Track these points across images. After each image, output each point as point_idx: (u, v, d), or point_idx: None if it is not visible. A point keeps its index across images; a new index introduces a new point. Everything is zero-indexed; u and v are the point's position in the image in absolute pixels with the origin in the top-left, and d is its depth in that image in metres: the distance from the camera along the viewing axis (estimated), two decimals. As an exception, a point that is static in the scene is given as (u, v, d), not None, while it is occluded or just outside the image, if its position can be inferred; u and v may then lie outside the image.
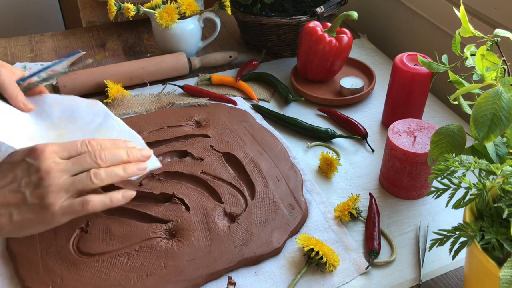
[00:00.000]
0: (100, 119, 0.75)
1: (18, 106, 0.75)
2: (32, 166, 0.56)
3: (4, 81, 0.73)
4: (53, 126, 0.76)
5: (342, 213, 0.72)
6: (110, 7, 1.01)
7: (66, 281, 0.62)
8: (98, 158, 0.59)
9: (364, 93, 0.98)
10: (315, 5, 1.09)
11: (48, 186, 0.55)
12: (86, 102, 0.79)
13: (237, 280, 0.64)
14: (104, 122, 0.75)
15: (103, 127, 0.74)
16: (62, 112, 0.77)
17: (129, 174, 0.61)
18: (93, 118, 0.76)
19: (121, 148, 0.62)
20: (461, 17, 0.65)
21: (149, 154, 0.65)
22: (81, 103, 0.78)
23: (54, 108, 0.78)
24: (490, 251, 0.50)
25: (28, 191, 0.55)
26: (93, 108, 0.77)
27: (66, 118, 0.76)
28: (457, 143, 0.60)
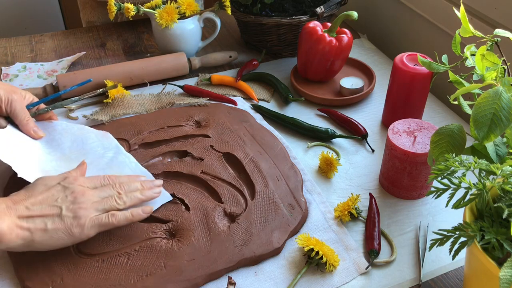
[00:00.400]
0: (111, 154, 0.78)
1: (28, 133, 0.79)
2: (67, 188, 0.65)
3: (16, 107, 0.77)
4: (64, 157, 0.77)
5: (342, 213, 0.72)
6: (110, 7, 1.01)
7: (66, 281, 0.62)
8: (118, 187, 0.68)
9: (364, 93, 0.98)
10: (315, 5, 1.09)
11: (82, 203, 0.63)
12: (96, 133, 0.81)
13: (237, 280, 0.64)
14: (115, 157, 0.78)
15: (114, 164, 0.77)
16: (73, 142, 0.80)
17: (147, 196, 0.69)
18: (104, 153, 0.78)
19: (136, 181, 0.71)
20: (461, 17, 0.65)
21: (160, 183, 0.72)
22: (90, 134, 0.81)
23: (64, 137, 0.80)
24: (490, 251, 0.50)
25: (65, 205, 0.63)
26: (103, 141, 0.80)
27: (77, 150, 0.79)
28: (457, 143, 0.60)
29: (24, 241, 0.60)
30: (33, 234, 0.60)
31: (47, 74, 1.07)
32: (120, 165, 0.77)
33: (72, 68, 1.09)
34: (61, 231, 0.61)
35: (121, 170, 0.76)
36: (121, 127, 0.88)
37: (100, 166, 0.76)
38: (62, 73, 1.07)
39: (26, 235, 0.60)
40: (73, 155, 0.78)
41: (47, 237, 0.61)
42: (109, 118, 0.90)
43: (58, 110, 0.95)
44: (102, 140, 0.81)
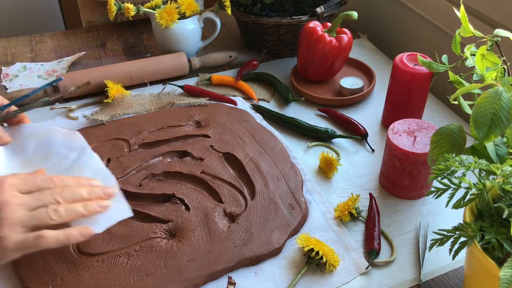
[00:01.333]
0: (75, 155, 0.71)
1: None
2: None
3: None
4: (26, 162, 0.71)
5: (342, 213, 0.72)
6: (110, 7, 1.01)
7: (66, 281, 0.62)
8: (58, 195, 0.57)
9: (364, 93, 0.98)
10: (315, 5, 1.09)
11: (4, 219, 0.53)
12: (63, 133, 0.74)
13: (237, 280, 0.64)
14: (78, 159, 0.71)
15: (76, 165, 0.70)
16: (38, 145, 0.73)
17: (89, 211, 0.58)
18: (67, 154, 0.72)
19: (83, 186, 0.60)
20: (461, 17, 0.65)
21: (112, 192, 0.62)
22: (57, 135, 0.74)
23: (29, 140, 0.73)
24: (490, 251, 0.50)
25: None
26: (69, 142, 0.73)
27: (40, 154, 0.72)
28: (457, 143, 0.60)
29: None
30: None
31: (47, 74, 1.07)
32: (81, 168, 0.69)
33: (72, 68, 1.09)
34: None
35: (81, 171, 0.68)
36: (121, 127, 0.88)
37: (60, 169, 0.69)
38: (62, 73, 1.07)
39: None
40: (35, 159, 0.71)
41: None
42: (109, 118, 0.90)
43: (58, 110, 0.95)
44: (68, 140, 0.74)
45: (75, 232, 0.57)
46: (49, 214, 0.55)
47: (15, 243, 0.53)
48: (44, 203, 0.56)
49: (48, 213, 0.55)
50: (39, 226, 0.55)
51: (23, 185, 0.56)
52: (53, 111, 0.95)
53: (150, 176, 0.77)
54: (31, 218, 0.54)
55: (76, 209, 0.57)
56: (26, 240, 0.54)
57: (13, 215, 0.53)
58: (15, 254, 0.54)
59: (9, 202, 0.53)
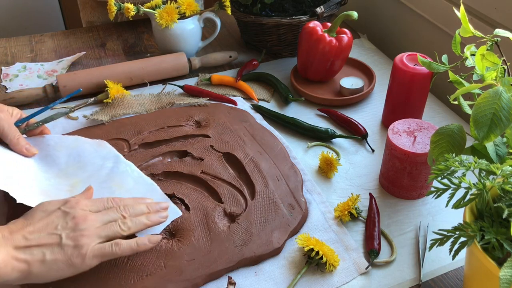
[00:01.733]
0: (111, 164, 0.75)
1: (21, 152, 0.75)
2: (68, 214, 0.61)
3: (4, 126, 0.73)
4: (61, 173, 0.74)
5: (342, 213, 0.72)
6: (110, 7, 1.01)
7: (66, 281, 0.62)
8: (123, 211, 0.64)
9: (364, 93, 0.98)
10: (315, 5, 1.09)
11: (84, 230, 0.59)
12: (91, 143, 0.78)
13: (237, 280, 0.64)
14: (116, 167, 0.74)
15: (115, 174, 0.74)
16: (69, 156, 0.76)
17: (152, 221, 0.65)
18: (103, 163, 0.75)
19: (141, 203, 0.67)
20: (461, 17, 0.65)
21: (167, 205, 0.69)
22: (85, 145, 0.77)
23: (58, 151, 0.76)
24: (490, 251, 0.50)
25: (65, 233, 0.59)
26: (100, 151, 0.77)
27: (74, 164, 0.75)
28: (457, 143, 0.60)
29: (21, 273, 0.56)
30: (31, 266, 0.56)
31: (47, 74, 1.07)
32: (122, 176, 0.73)
33: (72, 68, 1.09)
34: (60, 261, 0.57)
35: (122, 180, 0.73)
36: (121, 127, 0.88)
37: (101, 179, 0.73)
38: (62, 73, 1.07)
39: (23, 267, 0.56)
40: (71, 170, 0.74)
41: (45, 268, 0.57)
42: (109, 118, 0.90)
43: (57, 110, 0.95)
44: (99, 150, 0.77)
45: (144, 239, 0.63)
46: (120, 226, 0.62)
47: (93, 251, 0.59)
48: (113, 218, 0.63)
49: (119, 225, 0.62)
50: (112, 237, 0.61)
51: (93, 206, 0.63)
52: (53, 111, 0.95)
53: (150, 176, 0.77)
54: (106, 229, 0.61)
55: (141, 220, 0.64)
56: (104, 248, 0.60)
57: (92, 227, 0.60)
58: (94, 261, 0.59)
59: (87, 217, 0.61)
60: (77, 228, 0.59)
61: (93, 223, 0.61)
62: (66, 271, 0.58)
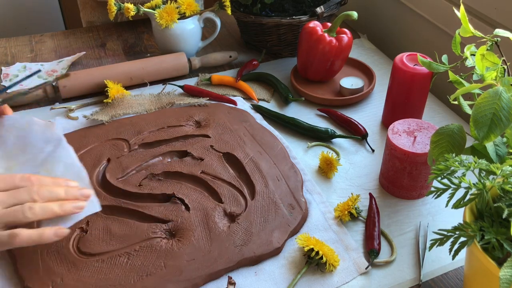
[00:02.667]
0: (51, 148, 0.71)
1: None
2: None
3: None
4: (5, 155, 0.71)
5: (342, 213, 0.72)
6: (110, 7, 1.01)
7: (66, 281, 0.62)
8: (34, 193, 0.57)
9: (364, 93, 0.98)
10: (315, 5, 1.09)
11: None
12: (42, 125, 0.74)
13: (237, 280, 0.64)
14: (53, 152, 0.71)
15: (50, 158, 0.70)
16: (17, 138, 0.73)
17: (64, 211, 0.59)
18: (44, 147, 0.72)
19: (60, 186, 0.60)
20: (461, 17, 0.65)
21: (89, 194, 0.63)
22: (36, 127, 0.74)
23: (9, 133, 0.73)
24: (490, 251, 0.50)
25: None
26: (46, 133, 0.73)
27: (18, 147, 0.72)
28: (457, 143, 0.60)
29: None
30: None
31: (47, 74, 1.07)
32: (54, 161, 0.69)
33: (72, 68, 1.09)
34: None
35: (53, 166, 0.68)
36: (121, 127, 0.88)
37: (35, 163, 0.69)
38: (62, 73, 1.07)
39: None
40: (13, 152, 0.71)
41: None
42: (109, 118, 0.90)
43: (58, 110, 0.95)
44: (45, 132, 0.74)
45: (49, 232, 0.57)
46: (24, 212, 0.55)
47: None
48: (20, 201, 0.56)
49: (23, 211, 0.55)
50: (13, 223, 0.55)
51: (2, 182, 0.57)
52: (53, 111, 0.95)
53: (150, 176, 0.77)
54: (6, 215, 0.55)
55: (51, 207, 0.57)
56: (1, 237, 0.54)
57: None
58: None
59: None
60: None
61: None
62: None
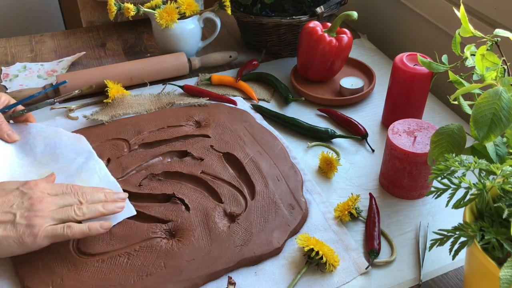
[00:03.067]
0: (82, 160, 0.76)
1: (1, 137, 0.77)
2: (25, 194, 0.63)
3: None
4: (35, 162, 0.76)
5: (342, 213, 0.72)
6: (110, 7, 1.01)
7: (66, 281, 0.62)
8: (80, 197, 0.66)
9: (364, 93, 0.98)
10: (315, 5, 1.09)
11: (38, 211, 0.62)
12: (69, 136, 0.79)
13: (237, 280, 0.64)
14: (86, 164, 0.75)
15: (84, 170, 0.75)
16: (46, 146, 0.77)
17: (108, 210, 0.66)
18: (75, 158, 0.76)
19: (100, 192, 0.69)
20: (461, 17, 0.65)
21: (125, 196, 0.70)
22: (63, 137, 0.78)
23: (37, 140, 0.78)
24: (490, 251, 0.50)
25: (19, 212, 0.61)
26: (76, 145, 0.78)
27: (48, 155, 0.77)
28: (457, 143, 0.60)
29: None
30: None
31: (47, 74, 1.07)
32: (89, 172, 0.75)
33: (72, 68, 1.09)
34: (12, 239, 0.60)
35: (89, 177, 0.74)
36: (121, 127, 0.88)
37: (69, 172, 0.74)
38: (62, 73, 1.07)
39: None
40: (44, 160, 0.76)
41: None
42: (109, 118, 0.90)
43: (58, 110, 0.95)
44: (75, 144, 0.79)
45: (96, 224, 0.64)
46: (75, 211, 0.64)
47: (45, 231, 0.61)
48: (70, 203, 0.65)
49: (74, 210, 0.64)
50: (65, 220, 0.63)
51: (51, 189, 0.65)
52: (53, 111, 0.95)
53: (150, 176, 0.77)
54: (60, 213, 0.63)
55: (96, 207, 0.66)
56: (56, 229, 0.62)
57: (46, 209, 0.62)
58: (45, 241, 0.61)
59: (44, 198, 0.63)
60: (32, 208, 0.61)
61: (48, 205, 0.63)
62: (16, 249, 0.60)
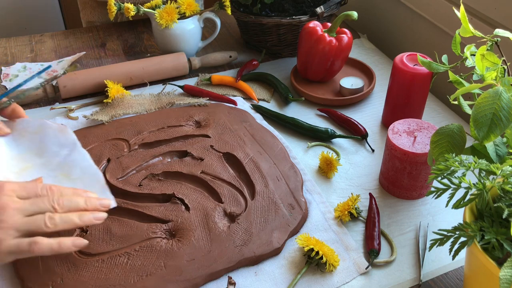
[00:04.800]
0: (65, 152, 0.72)
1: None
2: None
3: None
4: (19, 157, 0.72)
5: (342, 213, 0.72)
6: (110, 7, 1.01)
7: (66, 281, 0.62)
8: (55, 202, 0.57)
9: (364, 93, 0.98)
10: (315, 5, 1.09)
11: (1, 221, 0.54)
12: (55, 128, 0.75)
13: (237, 280, 0.64)
14: (68, 156, 0.72)
15: (66, 162, 0.71)
16: (31, 141, 0.74)
17: (84, 222, 0.59)
18: (58, 151, 0.72)
19: (80, 196, 0.61)
20: (461, 17, 0.65)
21: (108, 204, 0.63)
22: (49, 130, 0.75)
23: (23, 136, 0.74)
24: (490, 251, 0.50)
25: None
26: (60, 138, 0.74)
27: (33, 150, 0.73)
28: (457, 143, 0.60)
29: None
30: None
31: (47, 74, 1.07)
32: (71, 165, 0.70)
33: (72, 68, 1.09)
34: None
35: (70, 169, 0.69)
36: (121, 127, 0.88)
37: (50, 167, 0.70)
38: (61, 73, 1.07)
39: None
40: (28, 155, 0.72)
41: None
42: (109, 118, 0.90)
43: (57, 110, 0.95)
44: (59, 136, 0.74)
45: (68, 241, 0.57)
46: (45, 221, 0.55)
47: (8, 247, 0.53)
48: (41, 209, 0.56)
49: (44, 220, 0.55)
50: (34, 232, 0.55)
51: (22, 191, 0.57)
52: (53, 111, 0.95)
53: (150, 176, 0.77)
54: (27, 223, 0.55)
55: (71, 218, 0.58)
56: (20, 245, 0.54)
57: (10, 219, 0.54)
58: (7, 258, 0.54)
59: (7, 206, 0.54)
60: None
61: (14, 213, 0.54)
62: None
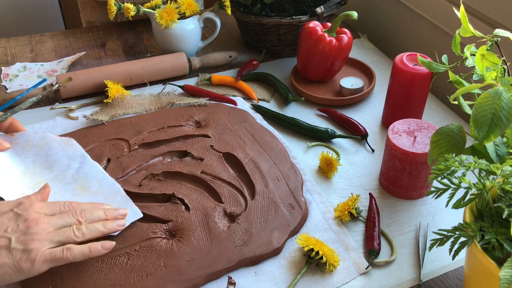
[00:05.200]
0: (77, 165, 0.74)
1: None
2: (20, 216, 0.59)
3: None
4: (27, 172, 0.73)
5: (342, 213, 0.72)
6: (110, 7, 1.01)
7: (66, 281, 0.62)
8: (79, 216, 0.62)
9: (364, 93, 0.98)
10: (315, 5, 1.09)
11: (35, 234, 0.58)
12: (59, 141, 0.76)
13: (237, 280, 0.64)
14: (81, 169, 0.74)
15: (81, 176, 0.73)
16: (36, 155, 0.75)
17: (109, 229, 0.64)
18: (69, 164, 0.74)
19: (99, 209, 0.66)
20: (461, 17, 0.65)
21: (125, 213, 0.68)
22: (53, 143, 0.76)
23: (27, 151, 0.75)
24: (490, 251, 0.50)
25: (15, 236, 0.57)
26: (67, 150, 0.75)
27: (41, 164, 0.74)
28: (457, 143, 0.60)
29: None
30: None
31: (47, 74, 1.07)
32: (87, 177, 0.73)
33: (72, 68, 1.09)
34: (8, 266, 0.55)
35: (87, 183, 0.72)
36: (121, 127, 0.88)
37: (65, 180, 0.72)
38: (62, 73, 1.07)
39: None
40: (37, 170, 0.73)
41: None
42: (109, 118, 0.90)
43: (57, 110, 0.95)
44: (66, 149, 0.76)
45: (97, 245, 0.61)
46: (74, 232, 0.60)
47: (44, 256, 0.57)
48: (68, 223, 0.61)
49: (73, 231, 0.60)
50: (64, 242, 0.60)
51: (48, 208, 0.62)
52: (53, 111, 0.95)
53: (150, 176, 0.77)
54: (58, 234, 0.59)
55: (97, 227, 0.63)
56: (55, 253, 0.58)
57: (43, 232, 0.58)
58: (42, 267, 0.58)
59: (39, 221, 0.59)
60: (28, 231, 0.58)
61: (46, 227, 0.59)
62: (13, 276, 0.56)
